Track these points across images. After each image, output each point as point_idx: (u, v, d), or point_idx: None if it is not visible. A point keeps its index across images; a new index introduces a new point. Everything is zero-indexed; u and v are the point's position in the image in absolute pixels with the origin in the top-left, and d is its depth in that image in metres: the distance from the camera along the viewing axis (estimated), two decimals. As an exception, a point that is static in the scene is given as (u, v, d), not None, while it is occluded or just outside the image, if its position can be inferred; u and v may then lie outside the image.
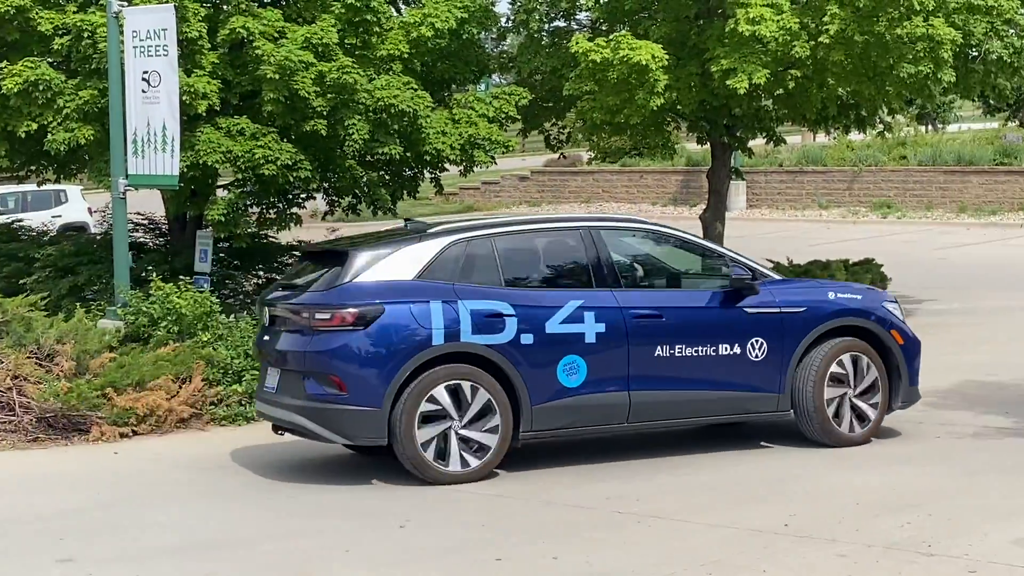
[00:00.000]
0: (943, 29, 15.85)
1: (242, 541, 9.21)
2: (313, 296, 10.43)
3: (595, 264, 10.78)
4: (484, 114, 16.57)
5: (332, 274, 10.48)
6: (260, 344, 11.15)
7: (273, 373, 10.77)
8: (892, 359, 11.47)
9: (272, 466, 11.54)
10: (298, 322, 10.45)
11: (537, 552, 8.63)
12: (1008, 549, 8.23)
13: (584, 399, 10.57)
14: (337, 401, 10.17)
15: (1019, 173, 32.64)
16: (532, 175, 41.43)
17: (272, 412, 10.85)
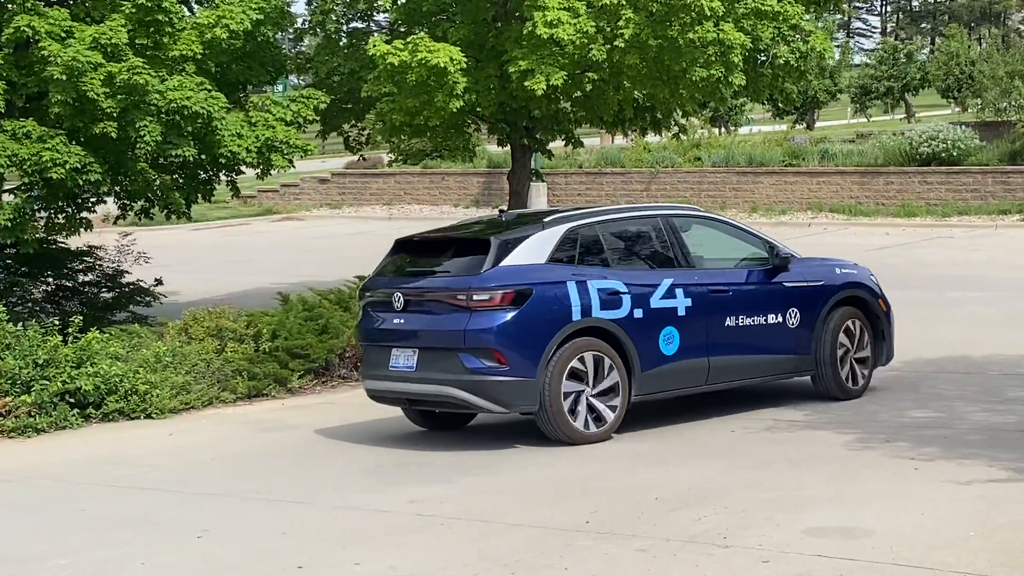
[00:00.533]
0: (733, 34, 16.29)
1: (33, 556, 8.90)
2: (468, 279, 11.32)
3: (676, 247, 12.30)
4: (281, 117, 16.38)
5: (475, 259, 11.46)
6: (378, 329, 11.91)
7: (406, 353, 11.61)
8: (879, 324, 13.34)
9: (64, 479, 11.19)
10: (452, 304, 11.33)
11: (339, 558, 8.56)
12: (800, 539, 8.51)
13: (677, 365, 11.97)
14: (497, 373, 11.15)
15: (807, 174, 33.84)
16: (332, 177, 41.12)
17: (407, 387, 11.68)
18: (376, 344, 12.03)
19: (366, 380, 12.26)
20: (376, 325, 11.98)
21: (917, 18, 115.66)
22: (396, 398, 12.07)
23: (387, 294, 11.84)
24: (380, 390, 12.13)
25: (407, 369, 11.65)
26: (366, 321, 12.17)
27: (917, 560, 7.99)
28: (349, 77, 18.32)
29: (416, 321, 11.59)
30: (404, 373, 11.66)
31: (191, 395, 14.01)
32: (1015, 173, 31.10)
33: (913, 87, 56.72)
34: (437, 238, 12.42)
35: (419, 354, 11.56)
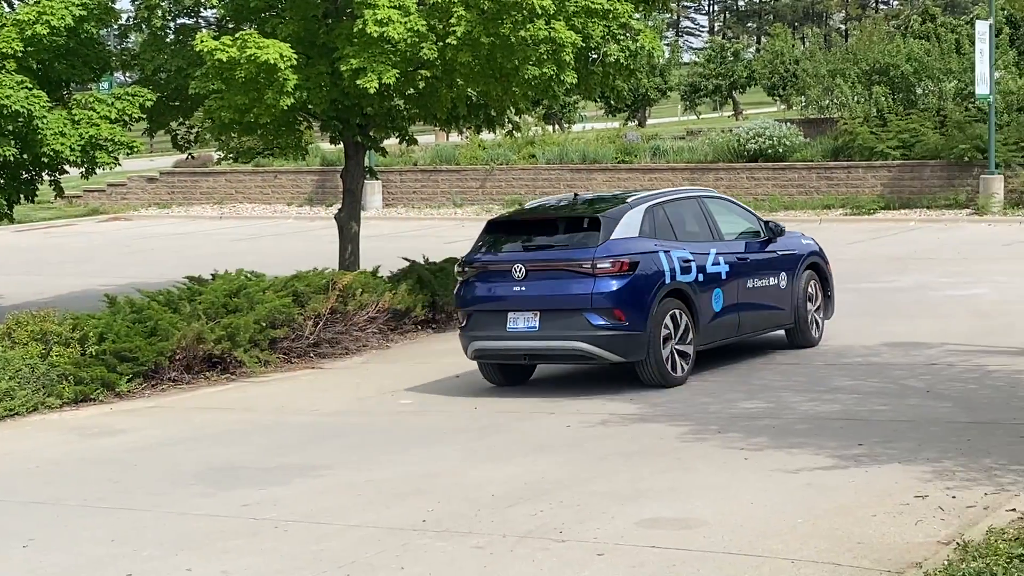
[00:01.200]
0: (564, 32, 16.45)
1: None
2: (591, 251, 13.33)
3: (711, 223, 14.65)
4: (106, 115, 15.99)
5: (589, 235, 13.56)
6: (493, 296, 13.65)
7: (526, 316, 13.43)
8: (827, 285, 15.97)
9: None
10: (578, 271, 13.32)
11: (171, 565, 8.39)
12: (633, 530, 8.64)
13: (721, 320, 14.23)
14: (618, 329, 13.18)
15: (639, 170, 34.36)
16: (161, 176, 40.26)
17: (529, 345, 13.49)
18: (488, 310, 13.68)
19: (477, 342, 13.81)
20: (490, 293, 13.72)
21: (743, 17, 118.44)
22: (513, 355, 13.74)
23: (505, 265, 13.57)
24: (496, 349, 13.78)
25: (529, 329, 13.42)
26: (473, 290, 13.86)
27: (748, 548, 8.18)
28: (176, 74, 17.95)
29: (538, 288, 13.37)
30: (525, 333, 13.43)
31: (15, 401, 13.58)
32: (837, 168, 32.09)
33: (740, 85, 58.05)
34: (541, 218, 14.29)
35: (541, 316, 13.35)
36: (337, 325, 16.60)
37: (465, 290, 13.94)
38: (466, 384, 14.37)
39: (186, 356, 14.95)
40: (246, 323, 15.28)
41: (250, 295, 15.76)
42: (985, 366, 13.79)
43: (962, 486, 9.33)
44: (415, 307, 17.62)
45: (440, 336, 17.81)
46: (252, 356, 15.37)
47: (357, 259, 19.21)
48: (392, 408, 13.46)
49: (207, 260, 22.10)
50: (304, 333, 16.15)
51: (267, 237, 31.84)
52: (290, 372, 15.66)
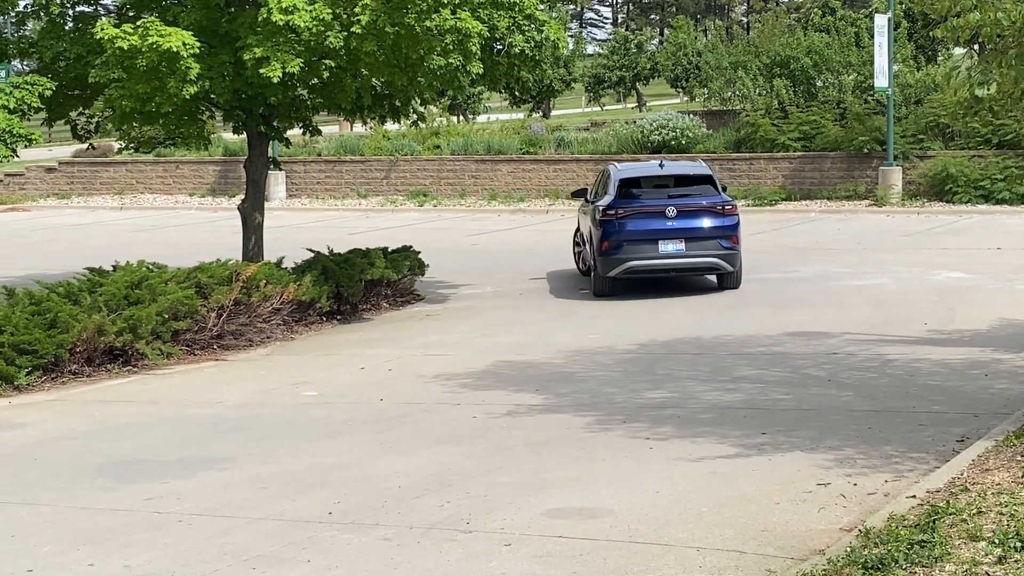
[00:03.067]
0: (470, 22, 16.42)
1: None
2: (719, 198, 19.46)
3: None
4: (4, 104, 15.65)
5: (707, 187, 19.70)
6: (649, 229, 18.96)
7: (675, 243, 18.94)
8: None
9: None
10: (713, 211, 19.20)
11: (72, 560, 8.26)
12: (540, 520, 8.68)
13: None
14: (733, 249, 19.08)
15: (543, 161, 34.46)
16: (60, 166, 39.53)
17: (676, 262, 19.08)
18: (643, 240, 18.93)
19: (631, 262, 18.88)
20: (646, 227, 18.99)
21: (647, 9, 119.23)
22: (661, 270, 19.17)
23: (659, 209, 19.11)
24: (648, 267, 19.03)
25: (677, 252, 18.96)
26: (625, 225, 18.97)
27: (653, 536, 8.26)
28: (76, 62, 17.63)
29: (683, 223, 18.99)
30: (674, 254, 18.97)
31: (-91, 396, 13.27)
32: (739, 160, 32.47)
33: (644, 77, 58.48)
34: (668, 174, 20.22)
35: (686, 243, 18.91)
36: (241, 317, 16.43)
37: (618, 226, 18.89)
38: (371, 376, 14.32)
39: (87, 349, 14.70)
40: (148, 315, 15.07)
41: (152, 287, 15.54)
42: (885, 355, 14.05)
43: (863, 473, 9.50)
44: (320, 298, 17.51)
45: (345, 327, 17.73)
46: (154, 348, 15.16)
47: (261, 250, 19.04)
48: (297, 400, 13.37)
49: (108, 251, 21.74)
50: (207, 325, 15.97)
51: (169, 228, 31.41)
52: (193, 364, 15.48)
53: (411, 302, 19.52)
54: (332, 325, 17.85)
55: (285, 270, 17.51)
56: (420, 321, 18.05)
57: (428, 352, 15.55)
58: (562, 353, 15.00)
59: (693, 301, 18.65)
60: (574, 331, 16.56)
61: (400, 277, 19.24)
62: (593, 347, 15.29)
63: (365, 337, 17.02)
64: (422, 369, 14.47)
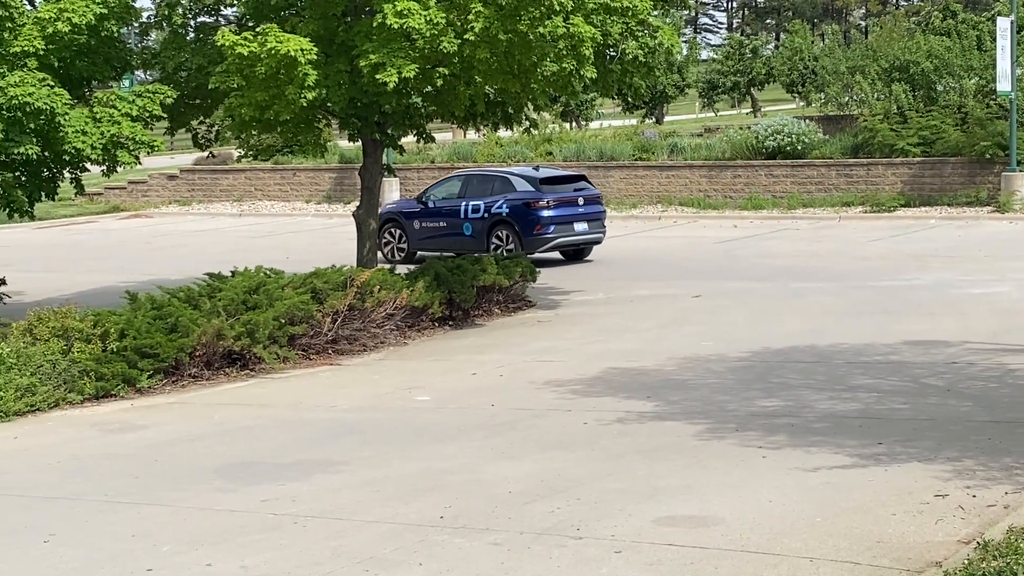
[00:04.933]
0: (584, 28, 16.43)
1: None
2: (597, 191, 26.41)
3: None
4: (127, 113, 16.04)
5: (587, 184, 25.87)
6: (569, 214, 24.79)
7: (583, 223, 24.90)
8: None
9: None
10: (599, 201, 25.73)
11: (191, 560, 8.44)
12: (651, 528, 8.65)
13: None
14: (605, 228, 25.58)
15: (656, 168, 34.33)
16: (182, 174, 40.38)
17: (585, 238, 25.14)
18: (564, 222, 24.71)
19: (560, 238, 24.71)
20: (565, 211, 24.78)
21: (762, 14, 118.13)
22: (574, 244, 25.13)
23: (572, 198, 24.98)
24: (570, 242, 24.93)
25: (583, 230, 24.98)
26: (551, 212, 24.65)
27: (765, 546, 8.19)
28: (197, 72, 18.02)
29: (587, 208, 25.10)
30: (584, 231, 25.00)
31: (36, 397, 13.66)
32: (857, 166, 32.01)
33: (758, 82, 57.93)
34: (563, 176, 26.21)
35: (588, 223, 25.01)
36: (355, 322, 16.64)
37: (545, 212, 24.55)
38: (483, 382, 14.39)
39: (206, 352, 15.01)
40: (265, 320, 15.34)
41: (269, 292, 15.81)
42: (1006, 364, 13.75)
43: (982, 485, 9.31)
44: (432, 304, 17.66)
45: (457, 333, 17.85)
46: (271, 352, 15.43)
47: (375, 256, 19.26)
48: (409, 405, 13.50)
49: (227, 257, 22.18)
50: (322, 330, 16.20)
51: (286, 234, 31.90)
52: (309, 368, 15.71)
53: (522, 308, 19.59)
54: (444, 331, 17.99)
55: (398, 276, 17.69)
56: (531, 327, 18.10)
57: (539, 358, 15.59)
58: (674, 360, 14.93)
59: (807, 309, 18.42)
60: (686, 338, 16.47)
61: (512, 283, 19.32)
62: (705, 354, 15.19)
63: (477, 343, 17.11)
64: (533, 375, 14.51)
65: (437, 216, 25.69)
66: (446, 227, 25.54)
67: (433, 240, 25.70)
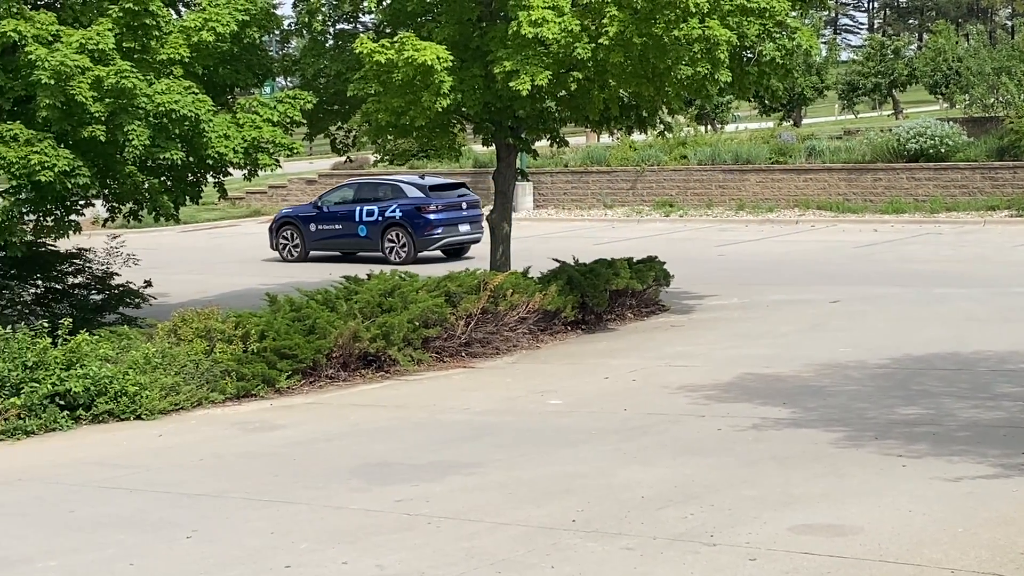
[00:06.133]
0: (719, 30, 16.29)
1: (22, 558, 8.90)
2: (477, 198, 29.01)
3: None
4: (268, 118, 16.38)
5: (467, 191, 28.94)
6: (453, 217, 27.55)
7: (465, 225, 27.71)
8: None
9: (54, 480, 11.19)
10: (477, 206, 28.14)
11: (327, 558, 8.58)
12: (786, 536, 8.54)
13: None
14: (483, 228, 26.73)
15: (794, 171, 33.90)
16: (320, 178, 41.05)
17: (469, 238, 27.92)
18: (450, 224, 27.49)
19: (445, 239, 27.54)
20: (451, 215, 27.54)
21: (904, 14, 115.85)
22: (460, 244, 27.87)
23: (457, 203, 27.85)
24: (455, 242, 27.68)
25: (466, 231, 27.81)
26: (439, 216, 27.39)
27: (905, 557, 8.03)
28: (335, 78, 18.32)
29: (469, 212, 27.72)
30: (466, 232, 27.81)
31: (180, 396, 14.02)
32: (1003, 169, 31.21)
33: (900, 83, 56.84)
34: (448, 184, 28.87)
35: (470, 225, 27.55)
36: (488, 325, 16.74)
37: (434, 215, 27.33)
38: (615, 386, 14.37)
39: (343, 354, 15.25)
40: (400, 322, 15.52)
41: (404, 295, 16.00)
42: None
43: None
44: (565, 308, 17.67)
45: (589, 337, 17.84)
46: (406, 355, 15.60)
47: (508, 260, 19.35)
48: (542, 408, 13.53)
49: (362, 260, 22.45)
50: (456, 332, 16.33)
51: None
52: (442, 371, 15.85)
53: (656, 312, 19.50)
54: (577, 334, 17.99)
55: (531, 280, 17.75)
56: (665, 332, 18.00)
57: (672, 363, 15.51)
58: (811, 366, 14.72)
59: (950, 315, 18.01)
60: (824, 344, 16.22)
61: (645, 287, 19.24)
62: (844, 361, 14.95)
63: (609, 347, 17.08)
64: (666, 380, 14.44)
65: (332, 220, 28.20)
66: (341, 229, 28.17)
67: (328, 241, 28.45)
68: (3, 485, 11.19)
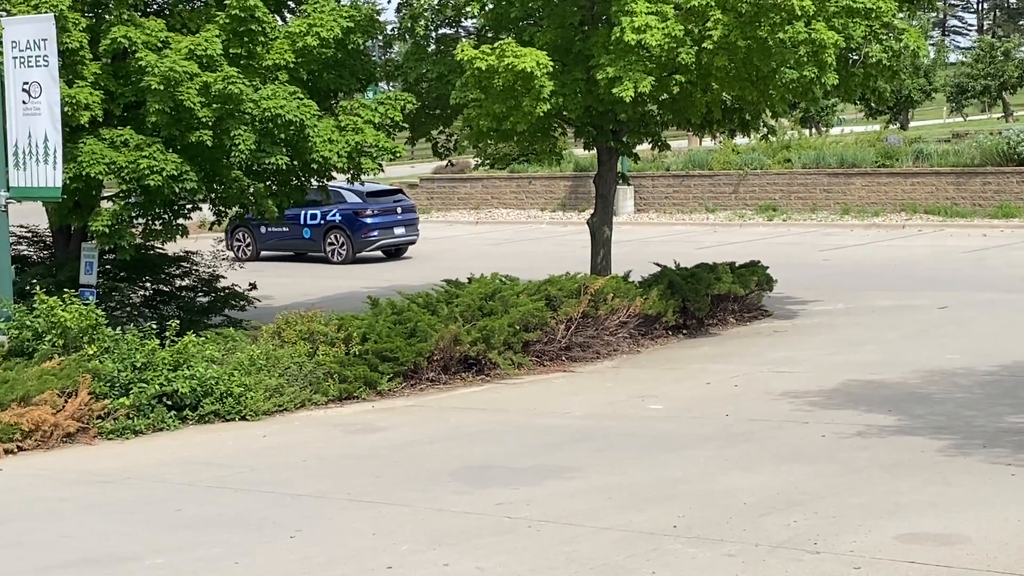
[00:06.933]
0: (826, 33, 16.10)
1: (131, 555, 9.08)
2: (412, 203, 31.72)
3: None
4: (370, 120, 16.53)
5: (403, 197, 31.42)
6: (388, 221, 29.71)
7: (401, 228, 29.99)
8: None
9: (161, 479, 11.40)
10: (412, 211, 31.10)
11: (428, 560, 8.63)
12: (891, 545, 8.41)
13: None
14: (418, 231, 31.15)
15: (900, 175, 33.37)
16: (421, 182, 41.36)
17: (403, 240, 30.25)
18: (386, 227, 29.53)
19: (381, 241, 29.55)
20: (387, 219, 29.52)
21: (1014, 15, 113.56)
22: (396, 245, 30.06)
23: (392, 208, 29.79)
24: (391, 243, 29.82)
25: (401, 233, 29.93)
26: (375, 219, 29.35)
27: (1014, 567, 7.86)
28: (437, 82, 18.43)
29: (404, 216, 29.94)
30: (401, 234, 29.94)
31: (284, 397, 14.21)
32: (1117, 172, 30.43)
33: (1011, 86, 55.72)
34: (385, 190, 30.82)
35: (405, 228, 29.95)
36: (588, 329, 16.72)
37: (370, 219, 29.32)
38: (717, 391, 14.26)
39: (443, 357, 15.33)
40: (500, 326, 15.57)
41: (504, 299, 16.04)
42: None
43: None
44: (666, 312, 17.59)
45: (691, 342, 17.73)
46: (506, 358, 15.64)
47: (609, 264, 19.31)
48: (642, 413, 13.48)
49: (464, 264, 22.60)
50: (556, 336, 16.34)
51: (521, 242, 32.30)
52: (542, 375, 15.87)
53: (758, 318, 19.32)
54: (678, 339, 17.90)
55: (632, 284, 17.69)
56: (767, 337, 17.84)
57: (775, 369, 15.35)
58: (917, 373, 14.48)
59: (1061, 321, 17.62)
60: (931, 350, 15.95)
61: (747, 292, 19.09)
62: (951, 367, 14.69)
63: (711, 352, 16.97)
64: (769, 386, 14.30)
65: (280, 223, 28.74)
66: (288, 232, 29.90)
67: (276, 242, 30.53)
68: (113, 483, 11.43)
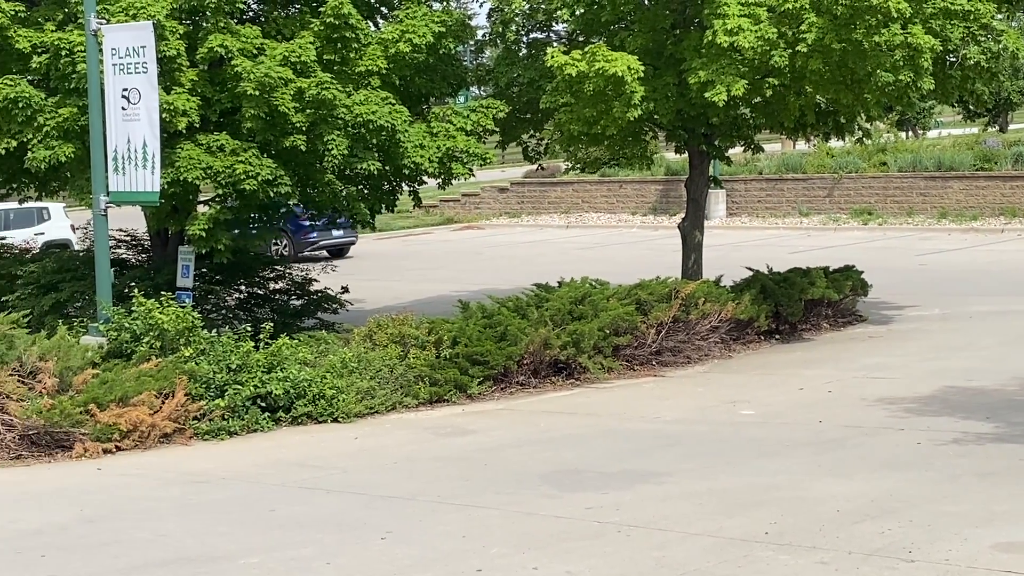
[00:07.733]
0: (922, 37, 15.87)
1: (225, 555, 9.22)
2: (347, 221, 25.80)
3: None
4: (462, 127, 16.63)
5: None
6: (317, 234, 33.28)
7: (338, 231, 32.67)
8: None
9: (255, 480, 11.55)
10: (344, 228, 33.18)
11: (517, 563, 8.65)
12: (988, 554, 8.28)
13: None
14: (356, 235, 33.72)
15: (999, 178, 32.80)
16: (512, 186, 41.47)
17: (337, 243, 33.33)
18: (324, 230, 31.56)
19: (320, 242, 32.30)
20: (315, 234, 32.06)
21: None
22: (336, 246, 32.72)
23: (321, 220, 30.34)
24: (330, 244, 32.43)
25: (340, 235, 32.60)
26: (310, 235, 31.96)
27: (1113, 579, 7.70)
28: (528, 87, 18.47)
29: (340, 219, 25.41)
30: (339, 236, 32.73)
31: (375, 400, 14.33)
32: None
33: (1114, 87, 54.48)
34: None
35: (343, 231, 31.96)
36: (679, 334, 16.65)
37: (308, 222, 30.42)
38: (810, 397, 14.12)
39: (533, 361, 15.36)
40: (590, 330, 15.56)
41: (594, 303, 16.03)
42: None
43: None
44: (758, 317, 17.46)
45: (783, 347, 17.58)
46: (596, 362, 15.63)
47: (700, 268, 19.20)
48: (733, 418, 13.39)
49: (554, 268, 22.63)
50: (646, 341, 16.29)
51: (612, 246, 32.24)
52: (632, 379, 15.82)
53: (852, 323, 19.10)
54: (770, 344, 17.75)
55: (723, 288, 17.59)
56: (862, 342, 17.62)
57: (870, 375, 15.16)
58: (1017, 380, 14.22)
59: None
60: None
61: (841, 297, 18.88)
62: (1050, 375, 14.42)
63: (804, 357, 16.80)
64: (863, 392, 14.13)
65: None
66: None
67: None
68: (208, 483, 11.61)
